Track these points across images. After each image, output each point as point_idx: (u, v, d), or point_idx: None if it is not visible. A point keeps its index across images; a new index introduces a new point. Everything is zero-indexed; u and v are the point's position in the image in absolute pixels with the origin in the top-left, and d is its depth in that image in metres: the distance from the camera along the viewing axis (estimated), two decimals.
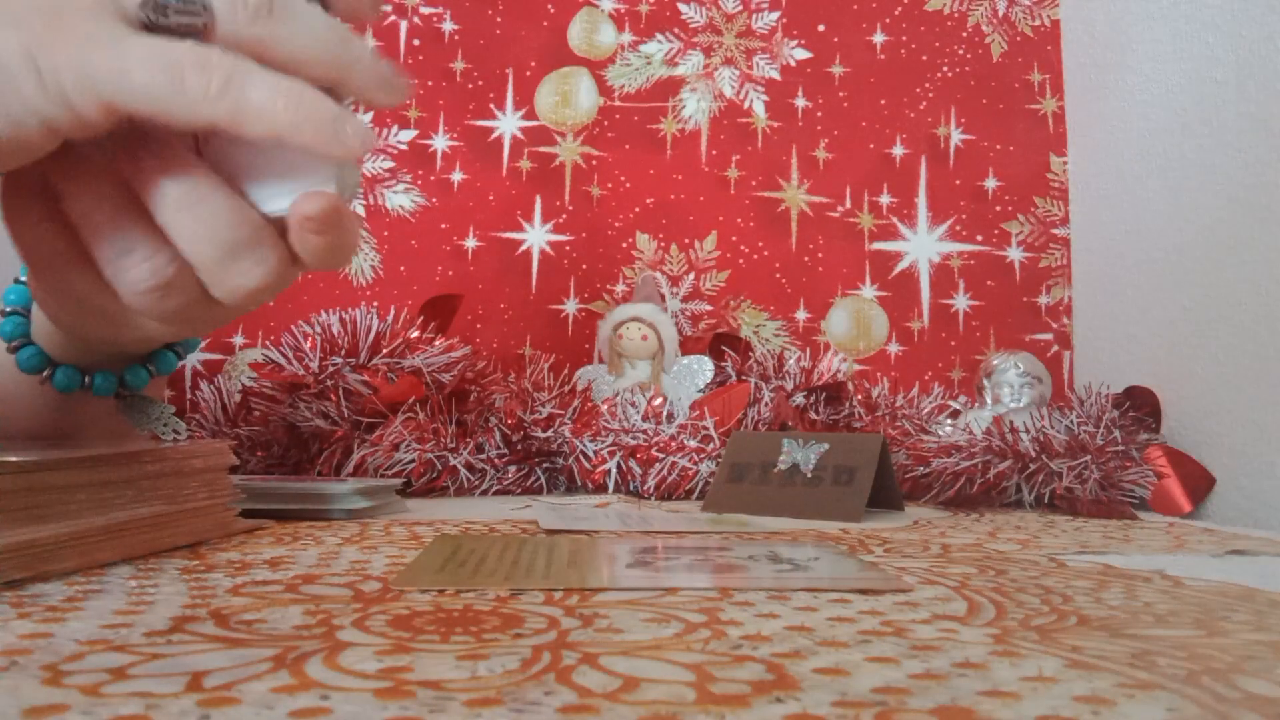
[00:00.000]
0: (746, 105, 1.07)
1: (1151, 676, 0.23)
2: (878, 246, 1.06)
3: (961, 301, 1.05)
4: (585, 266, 1.04)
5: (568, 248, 1.04)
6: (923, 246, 1.06)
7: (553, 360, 0.93)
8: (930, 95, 1.08)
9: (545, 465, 0.81)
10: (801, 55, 1.08)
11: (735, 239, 1.05)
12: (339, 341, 0.80)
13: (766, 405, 0.86)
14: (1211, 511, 0.78)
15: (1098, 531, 0.58)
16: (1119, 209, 0.96)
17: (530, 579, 0.34)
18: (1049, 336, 1.04)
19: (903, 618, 0.29)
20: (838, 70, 1.08)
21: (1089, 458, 0.72)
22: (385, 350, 0.80)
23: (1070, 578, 0.38)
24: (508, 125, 1.04)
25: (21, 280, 0.43)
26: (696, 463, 0.77)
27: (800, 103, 1.07)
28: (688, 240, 1.05)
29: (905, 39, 1.08)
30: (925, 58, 1.08)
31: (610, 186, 1.05)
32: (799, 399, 0.90)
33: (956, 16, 1.09)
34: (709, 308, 1.03)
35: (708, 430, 0.80)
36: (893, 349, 1.04)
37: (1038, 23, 1.09)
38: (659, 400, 0.84)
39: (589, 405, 0.84)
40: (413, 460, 0.75)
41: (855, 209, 1.06)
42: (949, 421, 0.85)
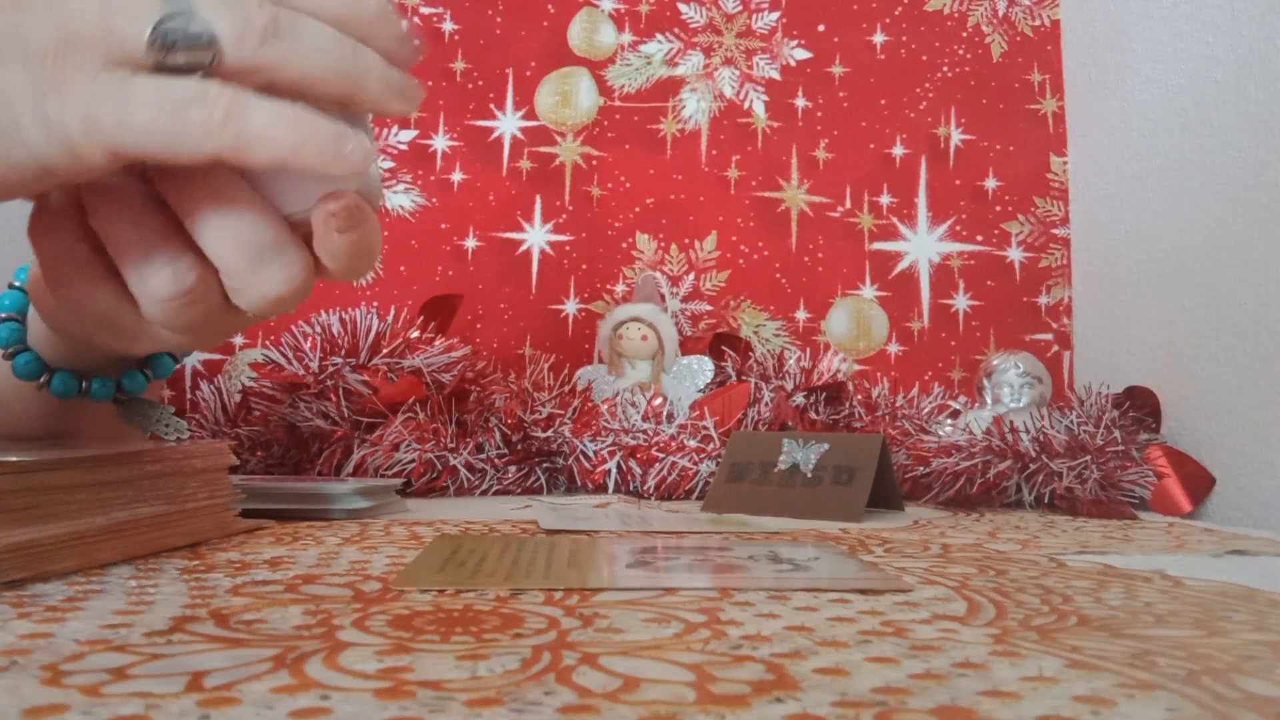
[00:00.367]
0: (746, 105, 1.07)
1: (1151, 676, 0.23)
2: (878, 246, 1.06)
3: (961, 301, 1.05)
4: (585, 266, 1.04)
5: (568, 248, 1.04)
6: (923, 246, 1.06)
7: (553, 360, 0.93)
8: (930, 95, 1.08)
9: (545, 465, 0.81)
10: (801, 55, 1.08)
11: (735, 239, 1.05)
12: (339, 341, 0.80)
13: (766, 405, 0.86)
14: (1211, 511, 0.78)
15: (1098, 531, 0.58)
16: (1119, 209, 0.96)
17: (530, 579, 0.34)
18: (1049, 336, 1.04)
19: (903, 618, 0.29)
20: (838, 70, 1.08)
21: (1089, 458, 0.72)
22: (385, 350, 0.80)
23: (1070, 578, 0.38)
24: (508, 125, 1.04)
25: (16, 285, 0.43)
26: (696, 463, 0.77)
27: (800, 103, 1.07)
28: (688, 240, 1.05)
29: (905, 39, 1.08)
30: (925, 58, 1.08)
31: (610, 186, 1.05)
32: (799, 399, 0.90)
33: (956, 16, 1.09)
34: (709, 308, 1.03)
35: (708, 430, 0.80)
36: (893, 349, 1.04)
37: (1038, 23, 1.09)
38: (659, 400, 0.84)
39: (589, 405, 0.84)
40: (413, 460, 0.75)
41: (855, 209, 1.06)
42: (949, 421, 0.85)
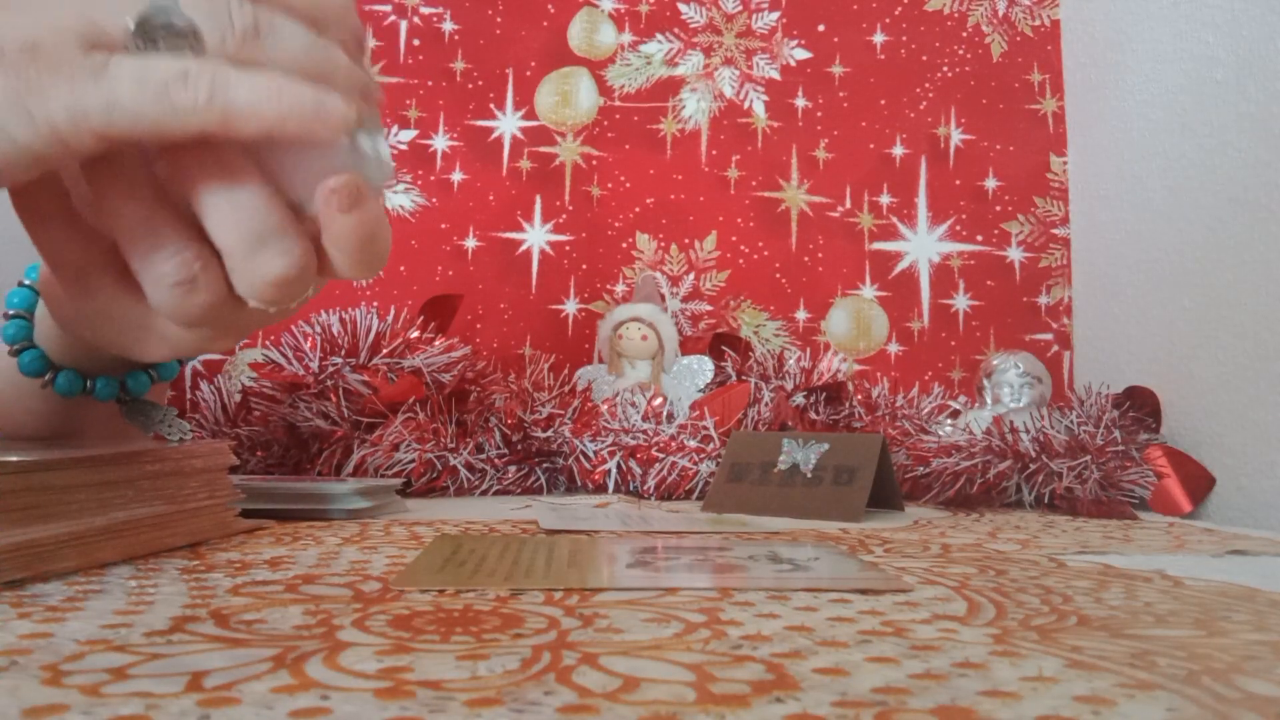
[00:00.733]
0: (746, 105, 1.07)
1: (1151, 676, 0.23)
2: (878, 246, 1.06)
3: (961, 301, 1.05)
4: (585, 266, 1.04)
5: (568, 248, 1.04)
6: (923, 246, 1.06)
7: (553, 360, 0.94)
8: (930, 95, 1.08)
9: (545, 465, 0.81)
10: (801, 55, 1.08)
11: (735, 239, 1.05)
12: (339, 341, 0.80)
13: (766, 405, 0.86)
14: (1211, 511, 0.78)
15: (1098, 531, 0.58)
16: (1119, 209, 0.96)
17: (530, 579, 0.34)
18: (1049, 336, 1.04)
19: (903, 618, 0.29)
20: (838, 70, 1.08)
21: (1089, 458, 0.72)
22: (385, 350, 0.80)
23: (1070, 578, 0.38)
24: (508, 125, 1.04)
25: (25, 284, 0.43)
26: (696, 463, 0.77)
27: (800, 103, 1.07)
28: (688, 240, 1.05)
29: (905, 39, 1.08)
30: (925, 58, 1.08)
31: (610, 186, 1.05)
32: (799, 399, 0.90)
33: (956, 16, 1.09)
34: (709, 308, 1.03)
35: (708, 430, 0.80)
36: (893, 349, 1.04)
37: (1038, 23, 1.09)
38: (659, 400, 0.84)
39: (589, 405, 0.84)
40: (413, 460, 0.75)
41: (855, 209, 1.06)
42: (949, 421, 0.85)
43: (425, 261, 1.01)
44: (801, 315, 1.04)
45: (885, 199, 1.06)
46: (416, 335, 0.84)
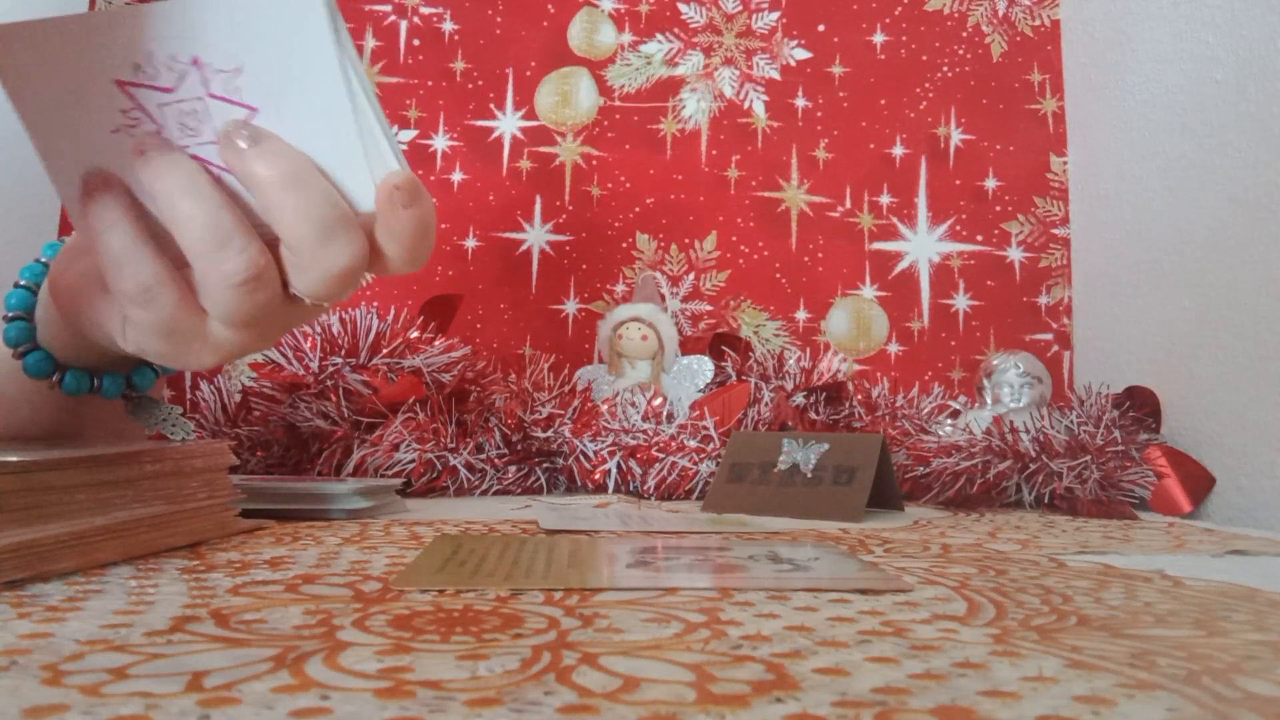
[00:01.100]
0: (746, 105, 1.07)
1: (1151, 676, 0.23)
2: (878, 246, 1.06)
3: (961, 301, 1.05)
4: (585, 266, 1.04)
5: (568, 248, 1.04)
6: (923, 246, 1.06)
7: (553, 360, 0.94)
8: (930, 95, 1.08)
9: (545, 465, 0.81)
10: (801, 55, 1.08)
11: (735, 239, 1.05)
12: (339, 341, 0.80)
13: (766, 405, 0.86)
14: (1211, 511, 0.78)
15: (1098, 531, 0.58)
16: (1119, 209, 0.96)
17: (530, 579, 0.34)
18: (1049, 336, 1.04)
19: (903, 618, 0.29)
20: (838, 70, 1.08)
21: (1089, 458, 0.72)
22: (385, 350, 0.80)
23: (1070, 578, 0.38)
24: (508, 125, 1.04)
25: (22, 284, 0.43)
26: (696, 463, 0.77)
27: (800, 103, 1.07)
28: (688, 240, 1.05)
29: (905, 39, 1.08)
30: (925, 58, 1.08)
31: (610, 186, 1.05)
32: (799, 399, 0.90)
33: (956, 16, 1.09)
34: (709, 308, 1.03)
35: (708, 430, 0.80)
36: (893, 349, 1.04)
37: (1038, 23, 1.09)
38: (659, 400, 0.84)
39: (589, 405, 0.84)
40: (413, 460, 0.75)
41: (855, 209, 1.06)
42: (949, 421, 0.85)
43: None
44: (801, 315, 1.04)
45: (885, 199, 1.06)
46: (416, 335, 0.84)
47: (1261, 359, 0.75)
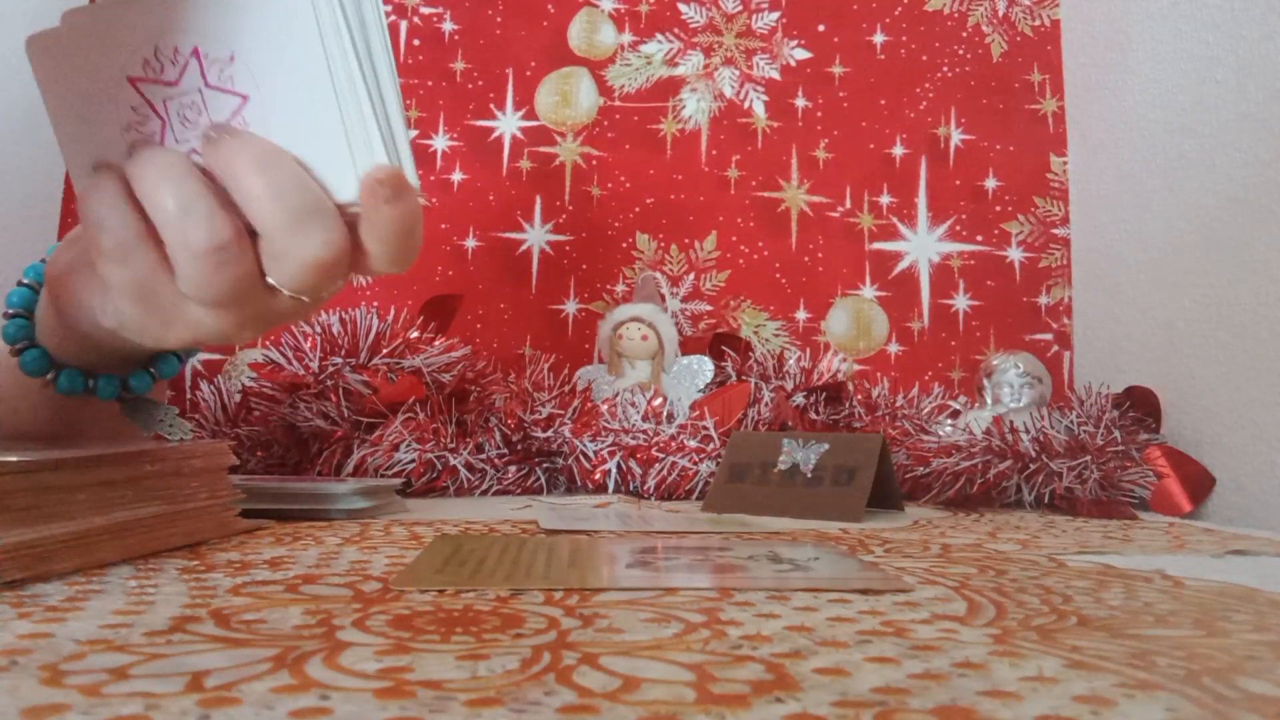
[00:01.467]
0: (746, 105, 1.07)
1: (1151, 676, 0.23)
2: (878, 246, 1.06)
3: (961, 301, 1.05)
4: (585, 266, 1.04)
5: (568, 248, 1.04)
6: (923, 246, 1.06)
7: (553, 360, 0.93)
8: (930, 95, 1.08)
9: (545, 465, 0.81)
10: (801, 55, 1.08)
11: (735, 239, 1.05)
12: (339, 341, 0.80)
13: (766, 405, 0.86)
14: (1211, 511, 0.78)
15: (1098, 531, 0.58)
16: (1119, 209, 0.96)
17: (530, 579, 0.34)
18: (1049, 336, 1.04)
19: (903, 618, 0.29)
20: (838, 70, 1.08)
21: (1089, 458, 0.72)
22: (385, 350, 0.80)
23: (1070, 578, 0.38)
24: (508, 125, 1.04)
25: (25, 283, 0.43)
26: (696, 463, 0.77)
27: (800, 103, 1.07)
28: (688, 240, 1.05)
29: (905, 39, 1.08)
30: (925, 58, 1.08)
31: (610, 186, 1.05)
32: (799, 399, 0.90)
33: (956, 16, 1.09)
34: (709, 308, 1.03)
35: (708, 430, 0.80)
36: (893, 349, 1.04)
37: (1038, 23, 1.09)
38: (659, 400, 0.84)
39: (589, 405, 0.84)
40: (413, 460, 0.75)
41: (855, 209, 1.06)
42: (949, 421, 0.85)
43: (425, 261, 1.01)
44: (801, 315, 1.04)
45: (885, 199, 1.06)
46: (416, 335, 0.84)
47: (1261, 359, 0.75)
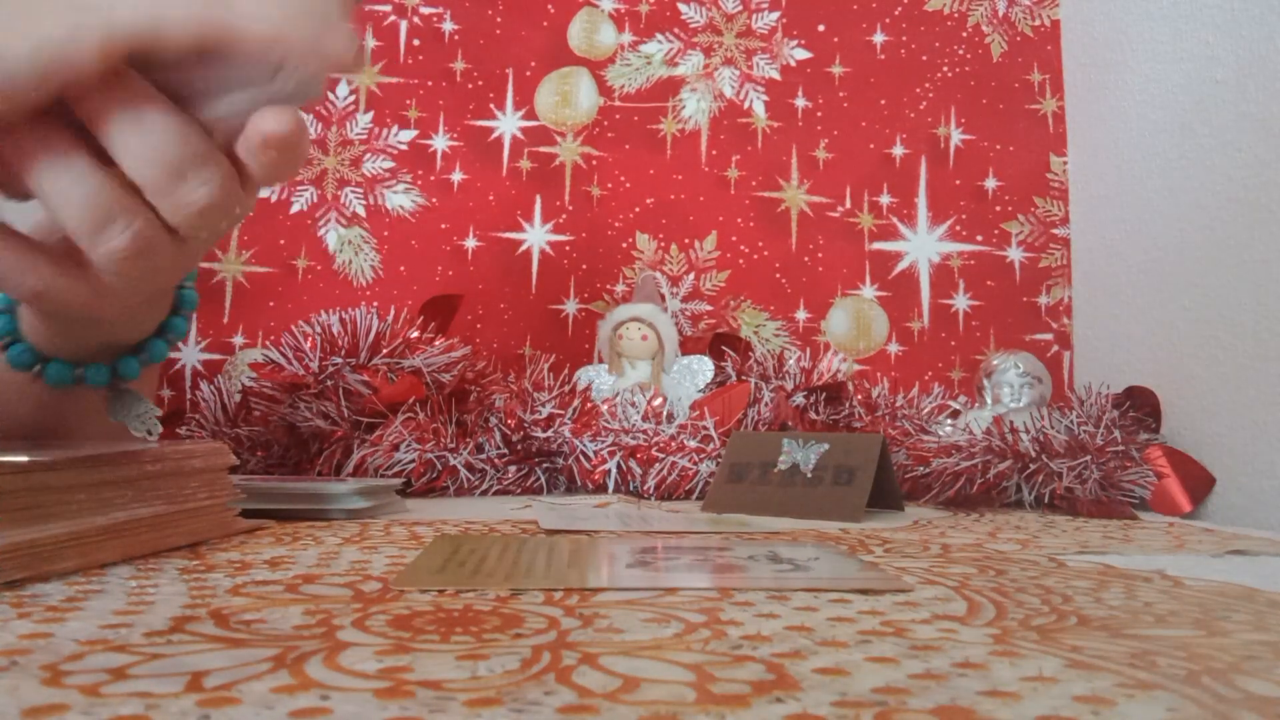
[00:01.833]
0: (746, 105, 1.07)
1: (1151, 676, 0.23)
2: (878, 246, 1.06)
3: (961, 301, 1.05)
4: (585, 266, 1.04)
5: (568, 248, 1.04)
6: (923, 246, 1.06)
7: (553, 360, 0.93)
8: (930, 95, 1.08)
9: (545, 465, 0.81)
10: (801, 55, 1.08)
11: (735, 239, 1.05)
12: (339, 341, 0.80)
13: (766, 405, 0.86)
14: (1211, 511, 0.78)
15: (1098, 531, 0.58)
16: (1119, 209, 0.96)
17: (530, 579, 0.34)
18: (1049, 336, 1.04)
19: (903, 618, 0.29)
20: (838, 70, 1.08)
21: (1089, 458, 0.72)
22: (385, 350, 0.80)
23: (1070, 578, 0.38)
24: (508, 125, 1.04)
25: None
26: (696, 463, 0.77)
27: (800, 103, 1.07)
28: (688, 240, 1.05)
29: (905, 39, 1.08)
30: (925, 58, 1.08)
31: (610, 186, 1.05)
32: (799, 399, 0.90)
33: (956, 16, 1.09)
34: (709, 308, 1.03)
35: (708, 430, 0.80)
36: (893, 349, 1.04)
37: (1038, 23, 1.09)
38: (659, 400, 0.84)
39: (589, 405, 0.84)
40: (413, 460, 0.75)
41: (855, 209, 1.06)
42: (949, 421, 0.85)
43: (425, 261, 1.01)
44: (801, 315, 1.04)
45: (885, 199, 1.06)
46: (416, 335, 0.84)
47: (1261, 359, 0.75)
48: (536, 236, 1.03)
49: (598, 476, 0.78)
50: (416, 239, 1.01)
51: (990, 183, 1.07)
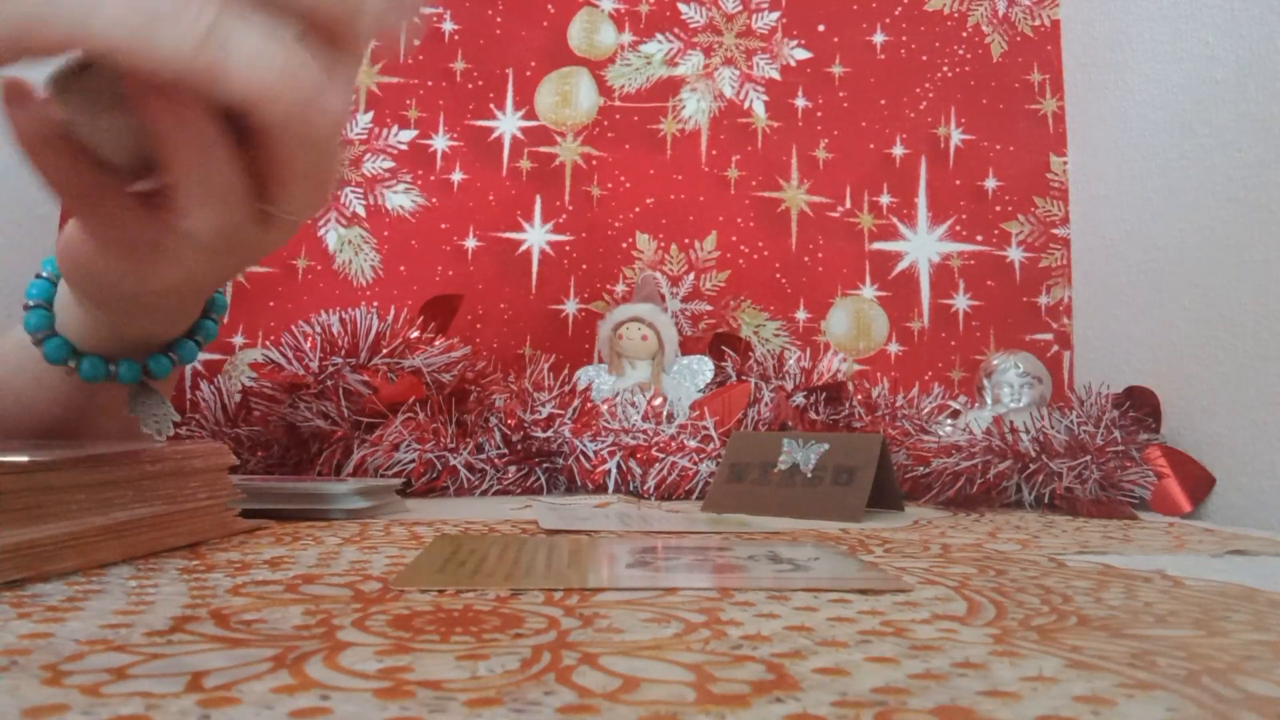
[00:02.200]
0: (746, 105, 1.07)
1: (1151, 676, 0.23)
2: (878, 246, 1.06)
3: (961, 301, 1.05)
4: (585, 266, 1.04)
5: (568, 248, 1.04)
6: (923, 246, 1.06)
7: (553, 360, 0.94)
8: (930, 95, 1.08)
9: (545, 465, 0.81)
10: (801, 55, 1.08)
11: (735, 239, 1.05)
12: (339, 341, 0.80)
13: (766, 405, 0.86)
14: (1211, 511, 0.78)
15: (1098, 531, 0.58)
16: (1119, 209, 0.96)
17: (530, 579, 0.34)
18: (1049, 336, 1.04)
19: (903, 618, 0.29)
20: (838, 70, 1.08)
21: (1089, 458, 0.72)
22: (385, 350, 0.80)
23: (1070, 578, 0.38)
24: (508, 125, 1.04)
25: (43, 275, 0.44)
26: (696, 463, 0.77)
27: (800, 103, 1.07)
28: (688, 240, 1.05)
29: (905, 39, 1.08)
30: (925, 58, 1.08)
31: (610, 186, 1.05)
32: (799, 399, 0.90)
33: (956, 16, 1.09)
34: (709, 308, 1.03)
35: (708, 430, 0.80)
36: (893, 349, 1.04)
37: (1038, 23, 1.09)
38: (659, 400, 0.84)
39: (589, 405, 0.84)
40: (413, 460, 0.75)
41: (855, 209, 1.06)
42: (949, 421, 0.85)
43: (425, 261, 1.01)
44: (801, 315, 1.04)
45: (885, 199, 1.06)
46: (416, 335, 0.84)
47: (1261, 359, 0.75)
48: (536, 236, 1.03)
49: (598, 476, 0.78)
50: (416, 239, 1.01)
51: (990, 183, 1.07)
